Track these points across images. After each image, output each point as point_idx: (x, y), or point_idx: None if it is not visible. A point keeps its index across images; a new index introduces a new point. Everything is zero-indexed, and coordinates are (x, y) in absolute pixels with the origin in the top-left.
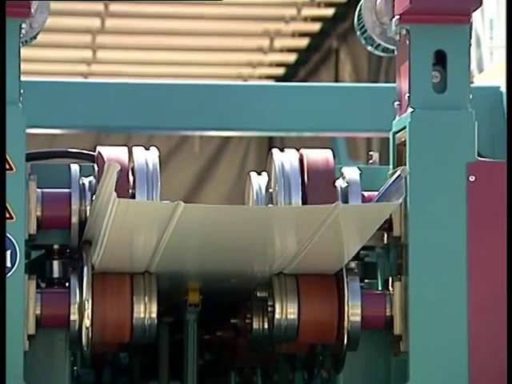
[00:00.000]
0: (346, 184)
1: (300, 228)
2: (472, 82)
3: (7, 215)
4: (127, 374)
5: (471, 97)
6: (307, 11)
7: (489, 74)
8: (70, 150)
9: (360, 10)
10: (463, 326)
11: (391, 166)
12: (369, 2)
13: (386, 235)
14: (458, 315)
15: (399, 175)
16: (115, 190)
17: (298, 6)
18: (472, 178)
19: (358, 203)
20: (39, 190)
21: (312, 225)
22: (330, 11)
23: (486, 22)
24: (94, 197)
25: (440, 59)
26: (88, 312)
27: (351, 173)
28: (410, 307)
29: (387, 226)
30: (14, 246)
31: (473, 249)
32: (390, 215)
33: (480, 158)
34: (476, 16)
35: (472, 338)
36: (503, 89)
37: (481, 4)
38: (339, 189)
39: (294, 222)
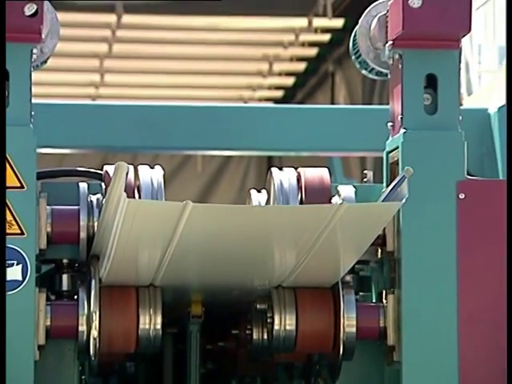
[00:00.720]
0: (342, 201)
1: (306, 227)
2: (461, 104)
3: (18, 231)
4: (133, 382)
5: (461, 118)
6: (304, 37)
7: (477, 97)
8: (78, 168)
9: (355, 35)
10: (453, 337)
11: (385, 184)
12: (363, 28)
13: (379, 250)
14: (448, 327)
15: (403, 176)
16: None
17: (295, 32)
18: (462, 196)
19: (361, 204)
20: (49, 207)
21: (318, 224)
22: (326, 37)
23: (475, 48)
24: (104, 201)
25: (431, 82)
26: (95, 323)
27: (346, 190)
28: (403, 319)
29: (381, 241)
30: (25, 260)
31: (462, 263)
32: (384, 231)
33: (469, 177)
34: (465, 41)
35: (462, 348)
36: (491, 111)
37: (470, 30)
38: None
39: (300, 220)
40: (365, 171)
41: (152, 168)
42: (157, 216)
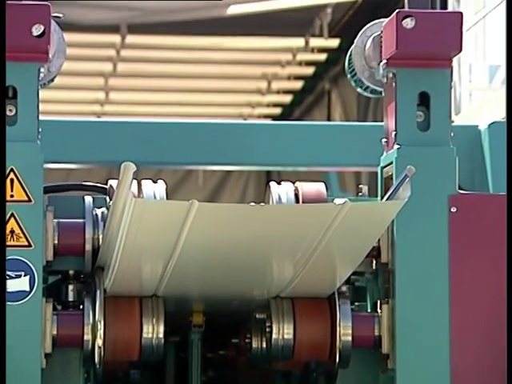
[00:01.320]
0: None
1: (311, 226)
2: (453, 121)
3: (26, 243)
4: None
5: (452, 135)
6: (302, 56)
7: (468, 115)
8: (84, 183)
9: (350, 55)
10: (445, 345)
11: (379, 198)
12: (358, 47)
13: (374, 261)
14: (441, 335)
15: (405, 175)
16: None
17: (293, 52)
18: (453, 209)
19: (364, 203)
20: (56, 220)
21: (323, 223)
22: (322, 56)
23: (466, 67)
24: (111, 203)
25: (424, 100)
26: (100, 332)
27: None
28: (397, 328)
29: (375, 253)
30: (33, 271)
31: (454, 274)
32: (379, 243)
33: (461, 191)
34: (456, 61)
35: (454, 356)
36: (481, 127)
37: (461, 50)
38: None
39: (306, 219)
40: (360, 185)
41: (155, 182)
42: (163, 215)
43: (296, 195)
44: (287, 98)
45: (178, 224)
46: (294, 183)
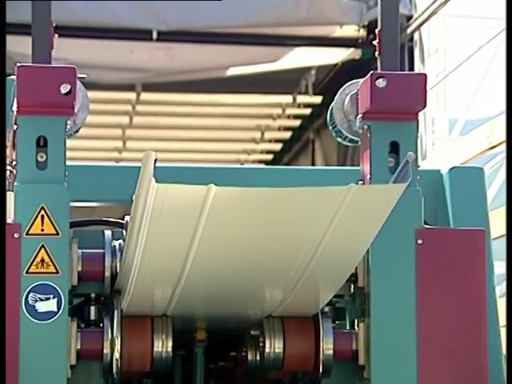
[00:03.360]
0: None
1: (321, 209)
2: (419, 166)
3: (54, 270)
4: None
5: (419, 178)
6: (290, 111)
7: (432, 160)
8: (104, 219)
9: (331, 109)
10: (412, 359)
11: None
12: (338, 103)
13: (352, 286)
14: (409, 350)
15: (406, 161)
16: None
17: (282, 107)
18: (420, 241)
19: (370, 185)
20: (80, 251)
21: (332, 206)
22: (307, 111)
23: (429, 120)
24: (134, 197)
25: (394, 148)
26: (118, 347)
27: None
28: (372, 343)
29: (353, 278)
30: (60, 294)
31: (421, 298)
32: (356, 270)
33: (426, 226)
34: (421, 115)
35: (420, 366)
36: (443, 172)
37: (425, 106)
38: None
39: (316, 202)
40: None
41: None
42: (183, 199)
43: None
44: (278, 146)
45: (197, 208)
46: None
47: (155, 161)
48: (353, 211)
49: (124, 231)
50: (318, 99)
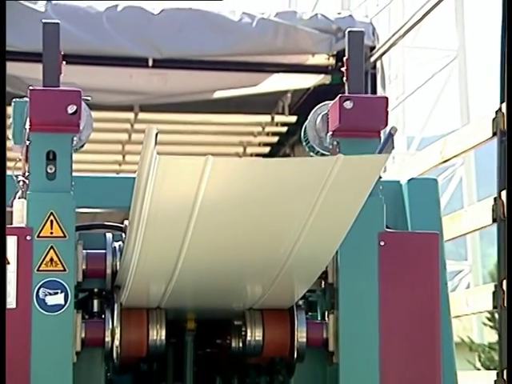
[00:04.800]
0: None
1: (311, 178)
2: (381, 177)
3: (62, 268)
4: (145, 377)
5: (381, 188)
6: (269, 129)
7: (392, 173)
8: (105, 223)
9: (305, 127)
10: (375, 345)
11: None
12: (311, 122)
13: (323, 282)
14: (372, 338)
15: (389, 133)
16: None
17: (262, 125)
18: (382, 243)
19: (356, 156)
20: (84, 251)
21: (322, 175)
22: (284, 129)
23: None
24: (136, 174)
25: None
26: (117, 335)
27: None
28: (340, 332)
29: (324, 275)
30: (67, 289)
31: (383, 292)
32: (326, 268)
33: (387, 229)
34: (383, 132)
35: (382, 353)
36: (402, 182)
37: (387, 124)
38: None
39: (306, 172)
40: None
41: None
42: (184, 170)
43: None
44: None
45: (196, 177)
46: None
47: (156, 135)
48: (340, 183)
49: (123, 234)
50: (293, 119)
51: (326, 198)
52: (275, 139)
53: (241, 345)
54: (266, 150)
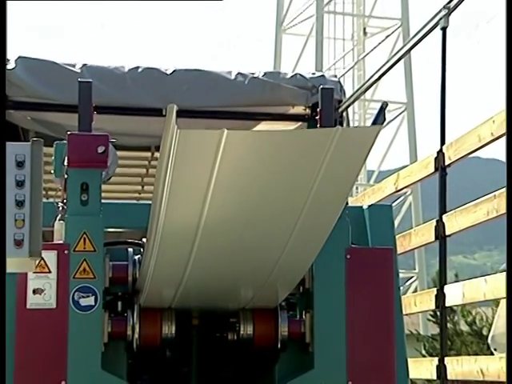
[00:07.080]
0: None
1: (314, 149)
2: (348, 204)
3: (92, 276)
4: (159, 362)
5: (347, 212)
6: None
7: (356, 200)
8: (128, 240)
9: None
10: (343, 338)
11: None
12: None
13: (301, 287)
14: (340, 332)
15: (381, 107)
16: None
17: None
18: (348, 256)
19: (352, 127)
20: (111, 263)
21: (324, 144)
22: None
23: None
24: (161, 144)
25: None
26: (137, 330)
27: None
28: (315, 327)
29: (302, 282)
30: (96, 293)
31: (349, 294)
32: (304, 276)
33: (352, 245)
34: None
35: (348, 345)
36: (364, 208)
37: None
38: None
39: (310, 142)
40: None
41: None
42: (202, 142)
43: None
44: None
45: (213, 148)
46: None
47: (177, 112)
48: (338, 153)
49: (142, 249)
50: None
51: (328, 164)
52: None
53: (235, 338)
54: None
